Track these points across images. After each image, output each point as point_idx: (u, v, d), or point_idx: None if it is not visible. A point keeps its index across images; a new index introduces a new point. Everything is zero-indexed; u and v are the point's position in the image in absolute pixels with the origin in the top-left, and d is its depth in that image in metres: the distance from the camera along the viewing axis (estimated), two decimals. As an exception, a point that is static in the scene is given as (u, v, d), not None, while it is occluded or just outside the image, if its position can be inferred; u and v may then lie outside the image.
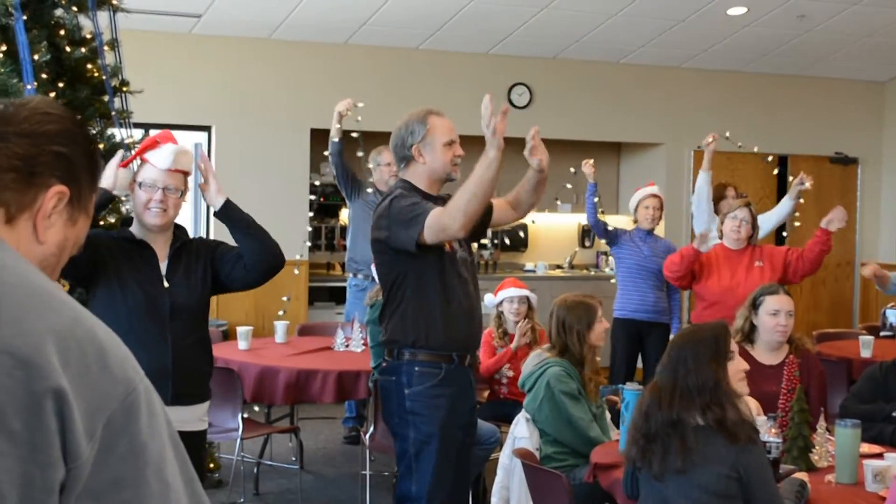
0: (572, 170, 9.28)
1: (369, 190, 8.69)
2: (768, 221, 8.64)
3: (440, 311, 4.88)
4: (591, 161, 8.98)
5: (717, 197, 9.07)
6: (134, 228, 4.68)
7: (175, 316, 4.55)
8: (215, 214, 4.78)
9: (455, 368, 4.95)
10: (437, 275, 4.88)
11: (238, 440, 6.98)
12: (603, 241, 9.09)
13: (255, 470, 7.91)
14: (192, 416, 4.64)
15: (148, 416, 1.62)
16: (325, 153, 8.68)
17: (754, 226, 7.72)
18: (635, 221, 8.80)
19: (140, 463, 1.59)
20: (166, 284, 4.57)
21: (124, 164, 4.69)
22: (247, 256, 4.72)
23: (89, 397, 1.55)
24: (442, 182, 5.07)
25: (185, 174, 4.64)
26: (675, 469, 4.12)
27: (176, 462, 1.68)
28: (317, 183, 11.30)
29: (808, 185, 8.23)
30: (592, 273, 12.79)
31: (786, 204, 8.67)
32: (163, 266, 4.61)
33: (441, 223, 4.67)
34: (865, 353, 7.81)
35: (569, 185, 10.40)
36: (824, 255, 7.62)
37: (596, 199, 8.81)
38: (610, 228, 8.84)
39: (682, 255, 7.69)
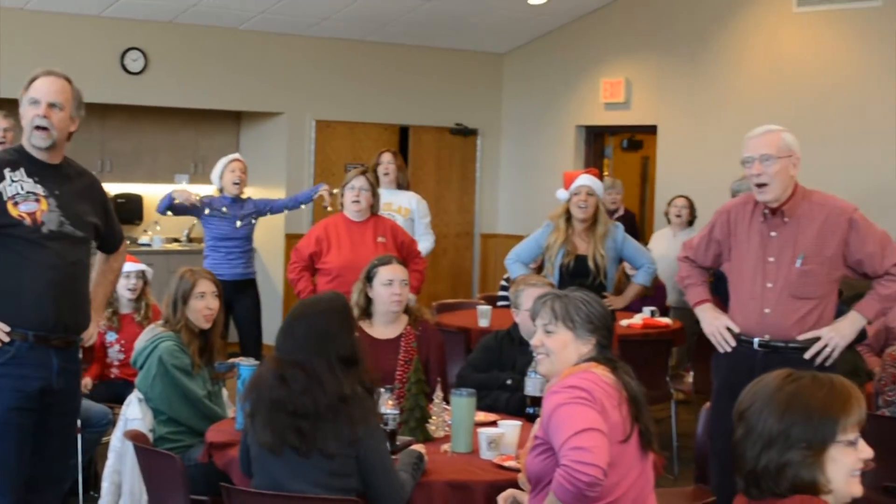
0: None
1: None
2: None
3: (8, 288, 4.59)
4: (193, 197, 8.91)
5: (375, 164, 9.36)
6: None
7: None
8: None
9: (30, 348, 4.67)
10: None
11: None
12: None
13: None
14: None
15: None
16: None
17: (374, 193, 7.66)
18: (220, 190, 8.89)
19: None
20: None
21: None
22: None
23: None
24: (41, 150, 4.72)
25: None
26: (345, 443, 4.10)
27: None
28: None
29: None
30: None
31: None
32: None
33: None
34: (483, 323, 7.91)
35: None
36: None
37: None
38: (188, 206, 8.86)
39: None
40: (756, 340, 5.32)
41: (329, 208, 9.03)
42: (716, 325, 5.47)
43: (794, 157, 5.25)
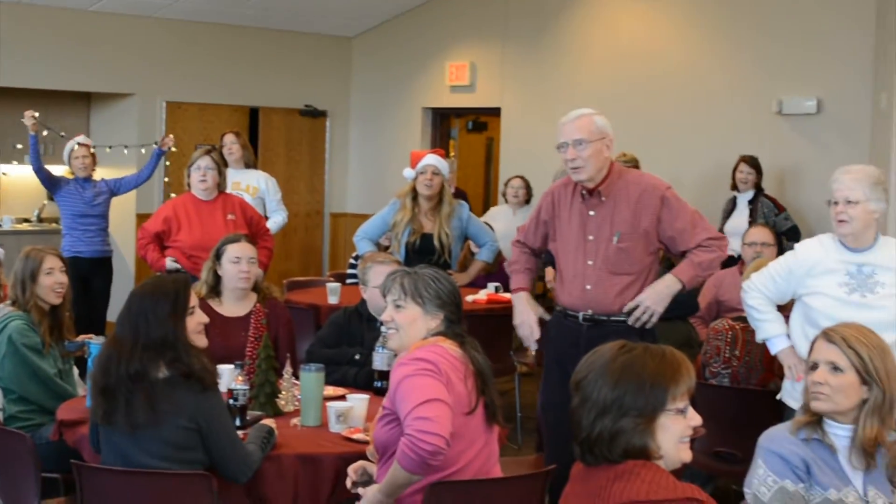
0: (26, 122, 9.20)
1: None
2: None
3: None
4: (33, 112, 9.21)
5: (220, 145, 9.48)
6: None
7: None
8: None
9: None
10: None
11: None
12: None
13: None
14: None
15: None
16: None
17: (220, 172, 7.79)
18: (73, 174, 9.30)
19: None
20: None
21: None
22: None
23: None
24: None
25: None
26: (141, 423, 4.13)
27: None
28: None
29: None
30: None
31: None
32: None
33: None
34: (332, 300, 7.94)
35: (19, 146, 10.01)
36: None
37: (42, 148, 9.27)
38: (55, 176, 9.24)
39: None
40: (581, 315, 5.45)
41: (174, 149, 9.72)
42: (524, 319, 5.65)
43: (607, 138, 5.35)
